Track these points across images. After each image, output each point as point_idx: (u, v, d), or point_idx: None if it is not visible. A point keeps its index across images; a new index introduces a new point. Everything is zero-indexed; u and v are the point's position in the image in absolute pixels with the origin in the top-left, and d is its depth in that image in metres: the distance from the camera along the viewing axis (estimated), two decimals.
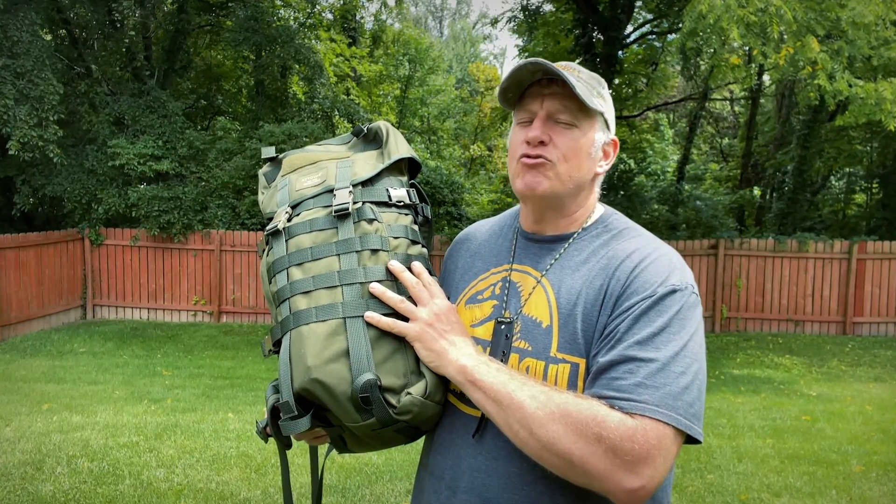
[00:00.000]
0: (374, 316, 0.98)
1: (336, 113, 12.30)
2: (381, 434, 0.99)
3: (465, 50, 33.52)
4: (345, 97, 13.68)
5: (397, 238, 1.05)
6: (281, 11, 13.16)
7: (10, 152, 8.68)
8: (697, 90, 14.82)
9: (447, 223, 10.26)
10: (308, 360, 0.95)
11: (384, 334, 0.99)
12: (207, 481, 3.83)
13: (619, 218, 1.12)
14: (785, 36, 6.97)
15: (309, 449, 1.22)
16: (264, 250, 1.09)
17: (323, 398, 0.96)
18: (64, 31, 11.04)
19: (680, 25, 8.04)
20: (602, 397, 0.90)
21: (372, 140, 1.17)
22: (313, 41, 13.49)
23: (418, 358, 1.01)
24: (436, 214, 10.26)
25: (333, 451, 1.19)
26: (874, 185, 13.91)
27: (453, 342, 0.99)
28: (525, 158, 1.04)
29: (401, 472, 4.03)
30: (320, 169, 1.11)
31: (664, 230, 10.37)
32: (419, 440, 1.12)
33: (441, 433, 1.07)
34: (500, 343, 1.03)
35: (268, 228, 1.08)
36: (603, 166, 1.09)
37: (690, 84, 15.28)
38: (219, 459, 4.20)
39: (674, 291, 0.95)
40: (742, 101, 16.60)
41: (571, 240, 1.08)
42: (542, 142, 1.03)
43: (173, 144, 10.10)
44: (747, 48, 9.35)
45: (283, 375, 0.97)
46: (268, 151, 1.20)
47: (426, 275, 1.04)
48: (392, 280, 1.02)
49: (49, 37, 10.73)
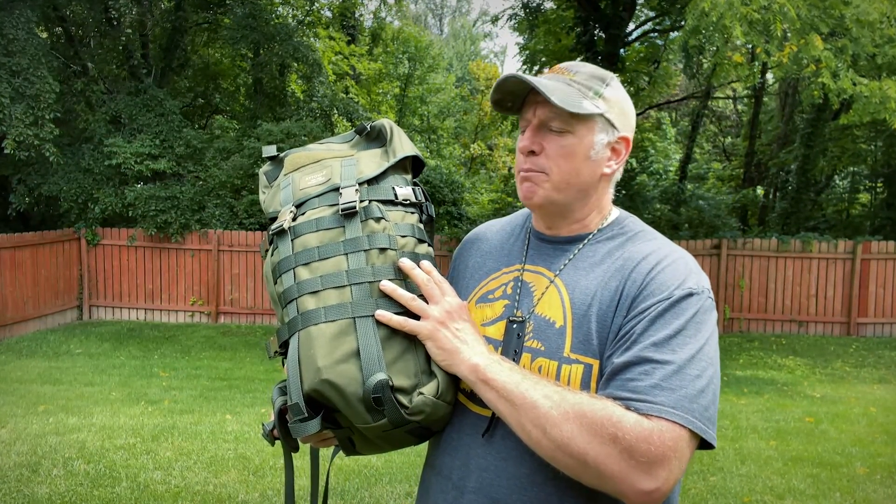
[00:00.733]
0: (386, 314, 0.97)
1: (335, 111, 12.27)
2: (392, 435, 0.98)
3: (466, 48, 33.48)
4: (344, 95, 13.64)
5: (404, 237, 1.04)
6: (279, 9, 13.12)
7: (6, 151, 8.65)
8: (700, 88, 14.79)
9: (447, 223, 10.21)
10: (318, 361, 0.94)
11: (394, 334, 0.98)
12: (205, 483, 3.82)
13: (635, 221, 1.11)
14: (788, 34, 6.95)
15: (310, 452, 1.19)
16: (267, 250, 1.08)
17: (333, 399, 0.94)
18: (60, 29, 11.04)
19: (682, 23, 8.01)
20: (617, 398, 0.90)
21: (375, 138, 1.16)
22: (312, 39, 13.45)
23: (429, 357, 0.99)
24: (436, 214, 10.19)
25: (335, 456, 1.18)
26: (878, 185, 13.91)
27: (465, 341, 0.98)
28: (521, 172, 1.05)
29: (400, 475, 4.01)
30: (324, 167, 1.10)
31: (667, 230, 10.29)
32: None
33: (449, 433, 1.06)
34: (513, 342, 1.03)
35: (272, 228, 1.06)
36: (612, 166, 1.07)
37: (693, 82, 15.26)
38: (216, 461, 4.18)
39: (690, 295, 0.95)
40: (745, 100, 16.57)
41: (586, 241, 1.07)
42: (533, 151, 1.03)
43: (170, 143, 10.08)
44: (750, 46, 9.32)
45: (293, 377, 0.96)
46: (269, 150, 1.19)
47: (436, 273, 1.03)
48: (401, 279, 1.01)
49: (45, 35, 10.73)
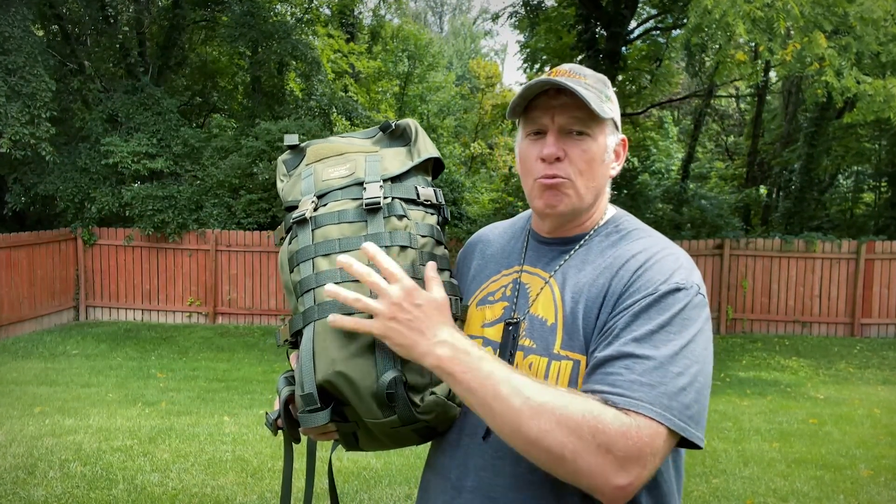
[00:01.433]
0: (339, 317, 0.94)
1: (334, 110, 12.21)
2: (399, 433, 0.99)
3: (466, 46, 33.40)
4: (343, 94, 13.57)
5: (424, 237, 1.05)
6: (278, 7, 13.07)
7: (2, 150, 8.62)
8: (702, 87, 14.72)
9: (448, 223, 10.15)
10: (332, 353, 0.95)
11: None
12: (202, 486, 3.81)
13: (630, 219, 1.11)
14: (792, 32, 6.92)
15: (307, 451, 1.18)
16: (283, 238, 1.08)
17: (345, 392, 0.95)
18: (56, 27, 11.01)
19: (685, 21, 7.98)
20: (596, 392, 0.89)
21: (398, 137, 1.16)
22: (311, 37, 13.38)
23: None
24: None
25: (333, 453, 1.18)
26: (883, 184, 13.89)
27: (421, 330, 0.91)
28: (543, 179, 1.04)
29: (399, 477, 3.99)
30: (348, 161, 1.10)
31: (668, 230, 10.24)
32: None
33: (449, 433, 1.07)
34: (509, 344, 1.04)
35: (294, 216, 1.06)
36: (616, 168, 1.10)
37: (695, 81, 15.21)
38: (214, 463, 4.18)
39: (677, 290, 0.94)
40: (748, 98, 16.50)
41: (582, 241, 1.08)
42: (558, 158, 1.03)
43: (168, 142, 10.05)
44: (753, 44, 9.29)
45: (306, 367, 0.96)
46: (290, 139, 1.19)
47: (382, 257, 0.94)
48: (419, 278, 1.00)
49: (41, 32, 10.70)
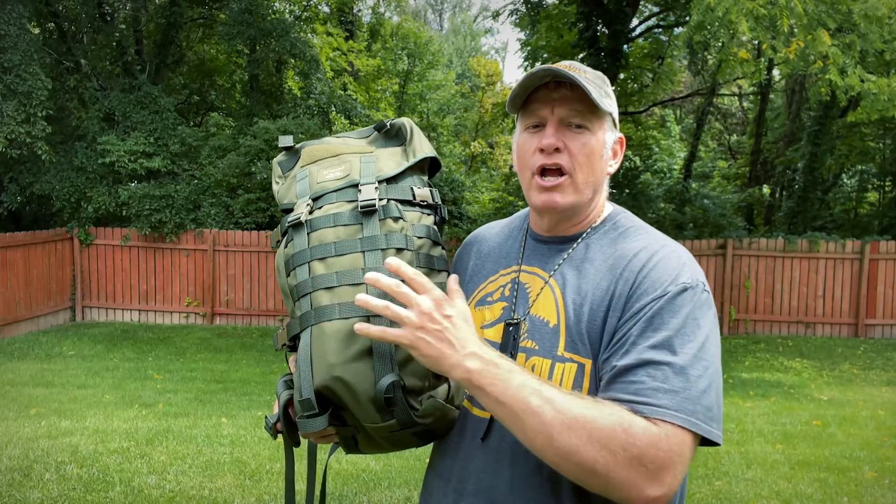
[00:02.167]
0: (364, 326, 0.92)
1: (333, 109, 12.15)
2: (398, 436, 0.99)
3: (466, 44, 33.29)
4: (342, 92, 13.51)
5: (420, 238, 1.04)
6: (276, 4, 13.00)
7: None
8: (705, 85, 14.69)
9: (447, 222, 10.10)
10: (330, 358, 0.94)
11: None
12: (200, 488, 3.80)
13: (627, 216, 1.12)
14: (795, 29, 6.87)
15: (307, 453, 1.18)
16: (279, 241, 1.07)
17: (344, 397, 0.95)
18: (52, 25, 10.98)
19: (687, 18, 7.93)
20: (620, 401, 0.89)
21: (393, 136, 1.15)
22: (309, 35, 13.35)
23: None
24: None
25: (332, 455, 1.19)
26: (887, 183, 13.89)
27: (450, 342, 0.91)
28: (539, 178, 1.04)
29: (399, 479, 3.97)
30: (343, 162, 1.09)
31: (671, 229, 10.23)
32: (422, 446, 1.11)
33: (451, 436, 1.07)
34: (509, 345, 1.04)
35: (290, 219, 1.05)
36: (613, 165, 1.10)
37: (698, 79, 15.18)
38: (212, 465, 4.16)
39: (685, 290, 0.94)
40: (751, 97, 16.45)
41: (580, 240, 1.08)
42: (557, 149, 1.03)
43: (165, 141, 10.01)
44: (756, 42, 9.24)
45: (304, 372, 0.96)
46: (285, 140, 1.18)
47: (406, 268, 0.93)
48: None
49: (37, 30, 10.67)
